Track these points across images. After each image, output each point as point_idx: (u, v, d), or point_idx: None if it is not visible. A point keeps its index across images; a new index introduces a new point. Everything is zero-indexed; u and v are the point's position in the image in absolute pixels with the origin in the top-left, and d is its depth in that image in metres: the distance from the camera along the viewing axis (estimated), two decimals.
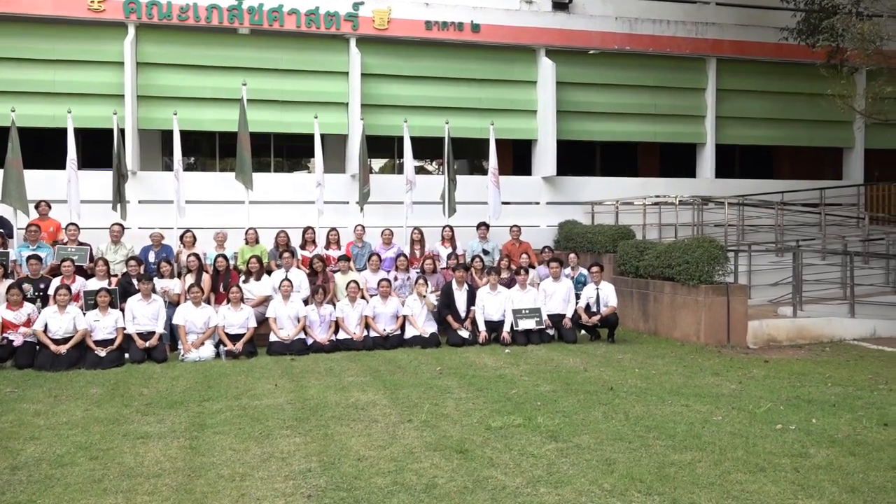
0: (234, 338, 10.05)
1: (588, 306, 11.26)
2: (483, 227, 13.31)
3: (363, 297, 11.13)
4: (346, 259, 11.67)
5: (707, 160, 16.51)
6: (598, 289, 11.24)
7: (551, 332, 11.22)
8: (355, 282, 10.92)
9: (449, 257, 12.36)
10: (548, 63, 15.33)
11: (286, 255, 11.42)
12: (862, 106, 13.66)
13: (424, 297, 10.94)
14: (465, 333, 10.91)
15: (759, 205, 14.97)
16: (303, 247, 12.23)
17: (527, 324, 10.98)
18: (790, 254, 12.84)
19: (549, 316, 11.26)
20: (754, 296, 12.95)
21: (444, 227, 13.05)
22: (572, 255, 12.49)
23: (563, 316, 11.29)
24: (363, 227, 12.64)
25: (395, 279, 11.63)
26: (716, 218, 14.57)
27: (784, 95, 16.99)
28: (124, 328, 9.77)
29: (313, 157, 14.26)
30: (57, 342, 9.29)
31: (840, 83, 12.52)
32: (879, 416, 6.74)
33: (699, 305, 10.92)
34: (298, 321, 10.43)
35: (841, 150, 17.66)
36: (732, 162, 19.87)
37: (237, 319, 10.15)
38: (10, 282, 9.82)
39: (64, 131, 12.47)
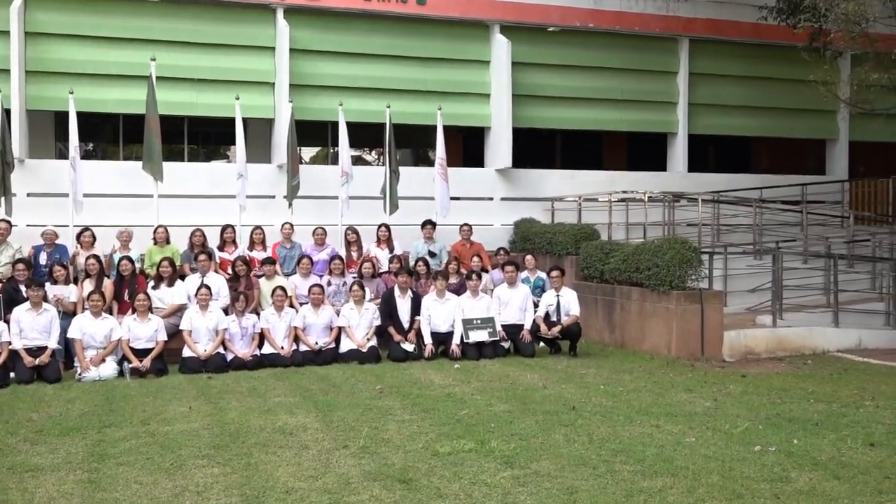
0: (141, 353, 9.88)
1: (547, 315, 11.35)
2: (429, 225, 13.34)
3: (292, 306, 11.07)
4: (272, 262, 11.58)
5: (679, 152, 16.85)
6: (558, 296, 11.36)
7: (506, 344, 11.30)
8: (282, 288, 10.84)
9: (391, 261, 12.35)
10: (502, 41, 15.45)
11: (202, 257, 11.28)
12: (846, 94, 14.08)
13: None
14: (408, 347, 10.93)
15: (736, 202, 15.34)
16: (221, 248, 12.09)
17: (479, 335, 11.04)
18: (769, 256, 13.18)
19: (503, 326, 11.33)
20: (731, 303, 13.26)
21: (378, 227, 13.06)
22: (529, 258, 12.60)
23: (520, 326, 11.38)
24: (291, 226, 12.56)
25: (329, 285, 11.58)
26: (689, 216, 14.88)
27: (763, 81, 17.44)
28: (9, 343, 9.52)
29: (234, 144, 14.10)
30: None
31: (823, 68, 12.85)
32: (865, 436, 6.95)
33: (670, 314, 11.13)
34: (217, 334, 10.32)
35: (824, 142, 18.21)
36: (707, 154, 20.34)
37: (145, 332, 9.99)
38: None
39: None
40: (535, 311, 11.44)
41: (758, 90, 17.44)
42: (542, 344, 11.59)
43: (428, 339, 11.03)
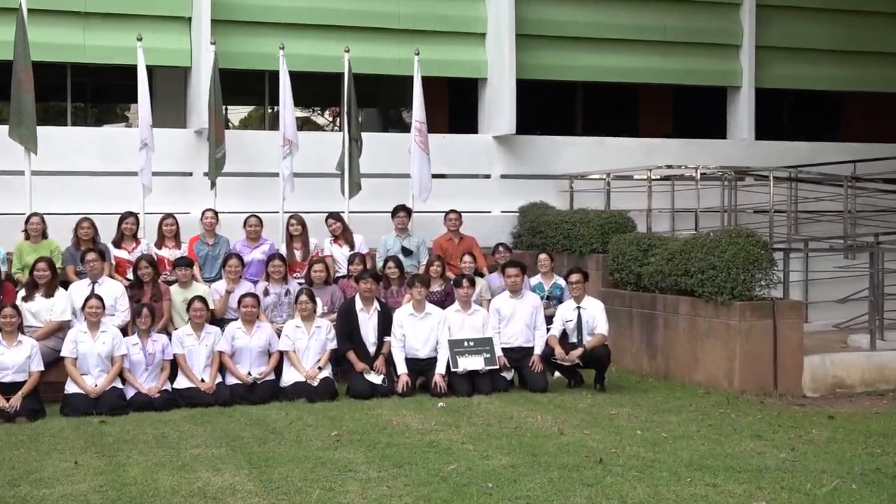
0: (8, 389, 9.82)
1: (565, 335, 11.39)
2: (402, 213, 13.34)
3: (216, 323, 11.07)
4: (189, 263, 11.57)
5: (743, 113, 16.92)
6: (579, 308, 11.39)
7: (509, 375, 11.33)
8: (202, 299, 10.83)
9: (350, 261, 12.35)
10: None
11: (91, 256, 11.21)
12: None
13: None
14: (375, 378, 10.93)
15: (821, 180, 15.40)
16: (119, 244, 12.06)
17: (471, 363, 11.06)
18: (866, 255, 13.22)
19: (505, 350, 11.36)
20: (813, 318, 13.30)
21: (333, 216, 13.05)
22: (543, 257, 12.63)
23: (528, 350, 11.41)
24: (215, 214, 12.53)
25: (266, 294, 11.58)
26: (756, 200, 14.95)
27: (857, 16, 17.48)
28: None
29: (135, 102, 14.03)
30: None
31: None
32: None
33: (732, 333, 11.16)
34: (112, 362, 10.30)
35: None
36: (780, 116, 20.41)
37: (12, 360, 9.90)
38: None
39: None
40: (549, 330, 11.48)
41: (850, 29, 17.48)
42: (557, 374, 11.60)
43: (402, 368, 11.03)
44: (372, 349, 11.16)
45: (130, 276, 11.61)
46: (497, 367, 11.16)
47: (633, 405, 10.27)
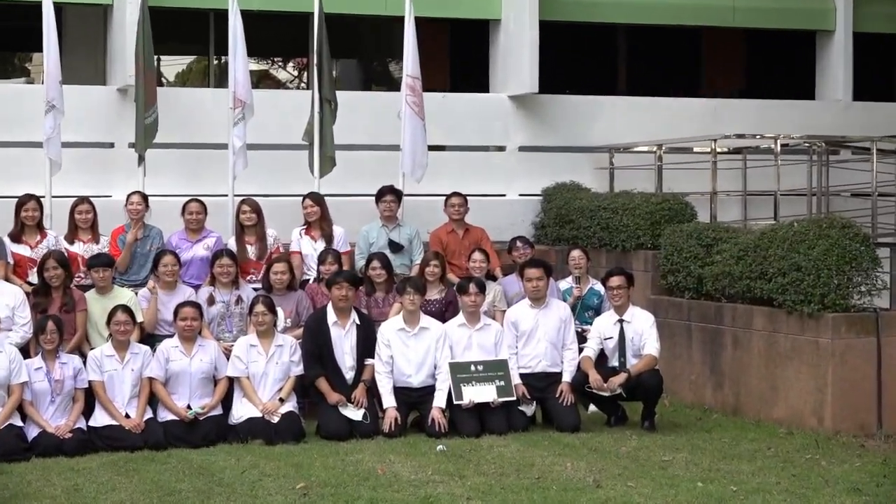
0: None
1: (603, 356, 11.41)
2: (390, 196, 13.33)
3: (147, 341, 11.08)
4: (109, 262, 11.55)
5: (837, 65, 16.90)
6: (622, 322, 11.38)
7: (529, 409, 11.34)
8: (127, 309, 10.80)
9: (322, 259, 12.33)
10: None
11: None
12: None
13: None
14: (354, 414, 10.94)
15: None
16: (18, 237, 12.03)
17: (480, 393, 11.05)
18: None
19: (524, 377, 11.38)
20: None
21: (304, 198, 13.05)
22: (575, 255, 12.64)
23: (555, 376, 11.42)
24: (144, 198, 12.52)
25: (212, 303, 11.60)
26: (855, 179, 14.98)
27: None
28: None
29: (39, 51, 13.99)
30: None
31: None
32: None
33: (822, 354, 11.16)
34: (9, 392, 10.27)
35: None
36: (888, 70, 20.33)
37: None
38: None
39: None
40: (582, 350, 11.48)
41: None
42: (592, 408, 11.62)
43: (388, 401, 11.06)
44: (349, 375, 11.18)
45: (34, 278, 11.56)
46: (514, 398, 11.16)
47: (691, 449, 10.27)
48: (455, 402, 11.00)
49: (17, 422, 10.25)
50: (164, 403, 10.70)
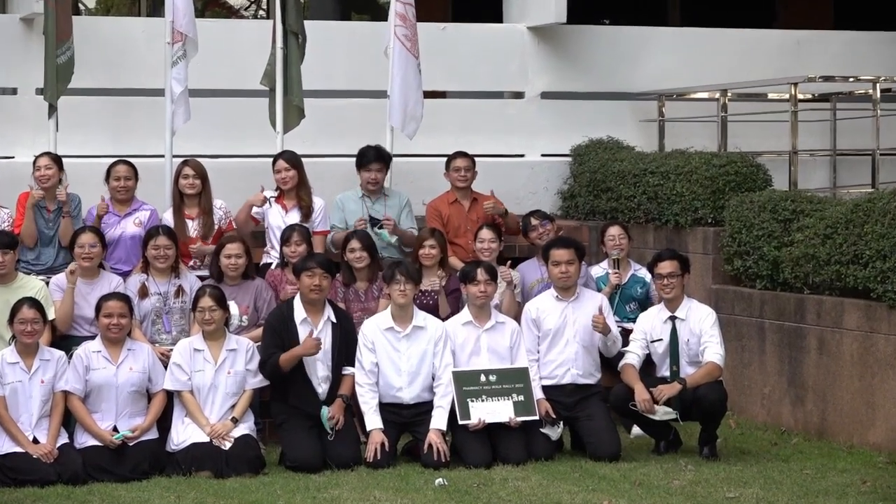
0: None
1: (650, 363, 11.48)
2: (376, 165, 13.38)
3: (59, 345, 11.09)
4: (11, 242, 11.54)
5: None
6: (674, 319, 11.44)
7: (555, 433, 11.33)
8: (35, 303, 10.80)
9: (286, 239, 12.33)
10: None
11: None
12: None
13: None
14: (327, 423, 11.04)
15: None
16: None
17: (493, 410, 11.08)
18: None
19: (549, 390, 11.42)
20: None
21: (276, 158, 13.09)
22: (614, 232, 12.73)
23: (587, 390, 11.48)
24: (56, 161, 12.56)
25: (145, 295, 11.65)
26: None
27: None
28: None
29: None
30: None
31: None
32: None
33: None
34: None
35: None
36: None
37: None
38: None
39: None
40: (626, 355, 11.53)
41: None
42: (636, 430, 11.69)
43: (373, 421, 11.10)
44: (322, 388, 11.23)
45: None
46: (536, 417, 11.19)
47: (765, 483, 10.27)
48: (460, 423, 11.02)
49: None
50: (82, 424, 10.71)
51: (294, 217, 12.82)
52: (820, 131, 14.81)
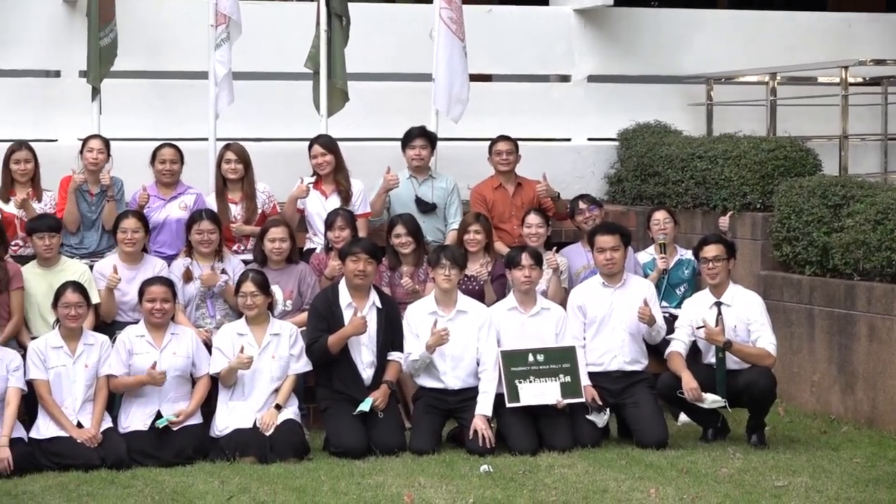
0: None
1: (696, 350, 11.47)
2: (420, 141, 13.41)
3: (107, 329, 11.13)
4: (55, 225, 11.58)
5: None
6: (720, 304, 11.40)
7: (601, 419, 11.31)
8: (79, 287, 10.82)
9: (330, 223, 12.33)
10: None
11: None
12: None
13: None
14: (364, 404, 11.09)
15: None
16: None
17: (539, 392, 11.07)
18: None
19: (595, 377, 11.39)
20: None
21: (312, 143, 13.10)
22: (660, 216, 12.75)
23: (635, 377, 11.47)
24: (106, 143, 12.57)
25: (189, 279, 11.70)
26: None
27: None
28: None
29: None
30: None
31: None
32: None
33: None
34: None
35: None
36: None
37: None
38: None
39: None
40: (672, 343, 11.50)
41: None
42: (683, 417, 11.69)
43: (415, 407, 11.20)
44: (367, 374, 11.24)
45: None
46: (583, 400, 11.17)
47: (814, 471, 10.25)
48: (507, 405, 11.02)
49: None
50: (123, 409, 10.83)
51: (334, 202, 12.81)
52: (870, 115, 14.75)
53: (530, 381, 11.09)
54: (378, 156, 13.76)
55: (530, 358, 11.13)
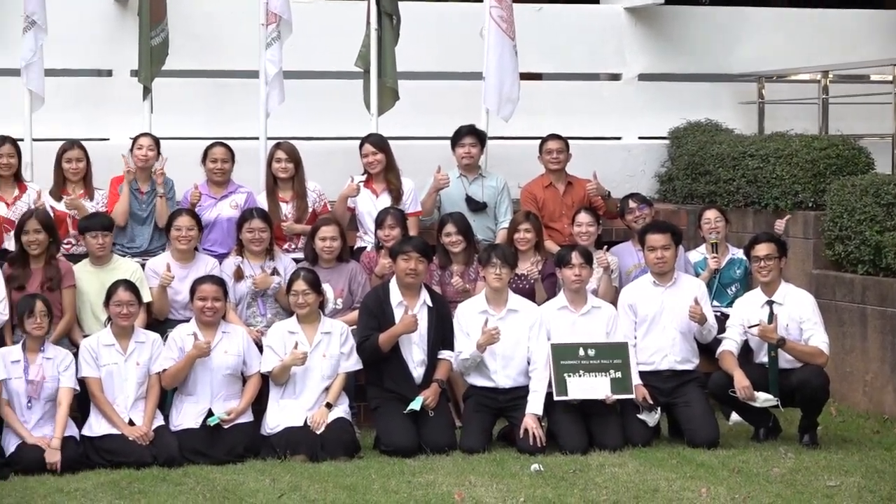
0: None
1: (748, 349, 11.42)
2: (470, 139, 13.41)
3: (160, 327, 11.21)
4: (107, 224, 11.63)
5: None
6: (772, 303, 11.37)
7: (652, 419, 11.30)
8: (131, 286, 10.87)
9: (381, 222, 12.34)
10: None
11: None
12: None
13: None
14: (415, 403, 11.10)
15: None
16: None
17: (590, 386, 11.07)
18: None
19: (646, 377, 11.36)
20: None
21: (363, 142, 13.12)
22: (711, 215, 12.71)
23: (685, 376, 11.44)
24: (155, 141, 12.59)
25: (240, 278, 11.77)
26: None
27: None
28: None
29: None
30: None
31: None
32: None
33: None
34: None
35: None
36: None
37: None
38: None
39: None
40: (723, 342, 11.48)
41: None
42: (735, 417, 11.67)
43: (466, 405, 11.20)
44: (418, 372, 11.25)
45: (10, 244, 11.74)
46: (632, 396, 11.17)
47: (866, 472, 10.20)
48: (555, 398, 11.02)
49: None
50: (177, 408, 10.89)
51: (385, 201, 12.80)
52: None
53: (580, 375, 11.08)
54: (428, 155, 13.77)
55: (581, 352, 11.12)
